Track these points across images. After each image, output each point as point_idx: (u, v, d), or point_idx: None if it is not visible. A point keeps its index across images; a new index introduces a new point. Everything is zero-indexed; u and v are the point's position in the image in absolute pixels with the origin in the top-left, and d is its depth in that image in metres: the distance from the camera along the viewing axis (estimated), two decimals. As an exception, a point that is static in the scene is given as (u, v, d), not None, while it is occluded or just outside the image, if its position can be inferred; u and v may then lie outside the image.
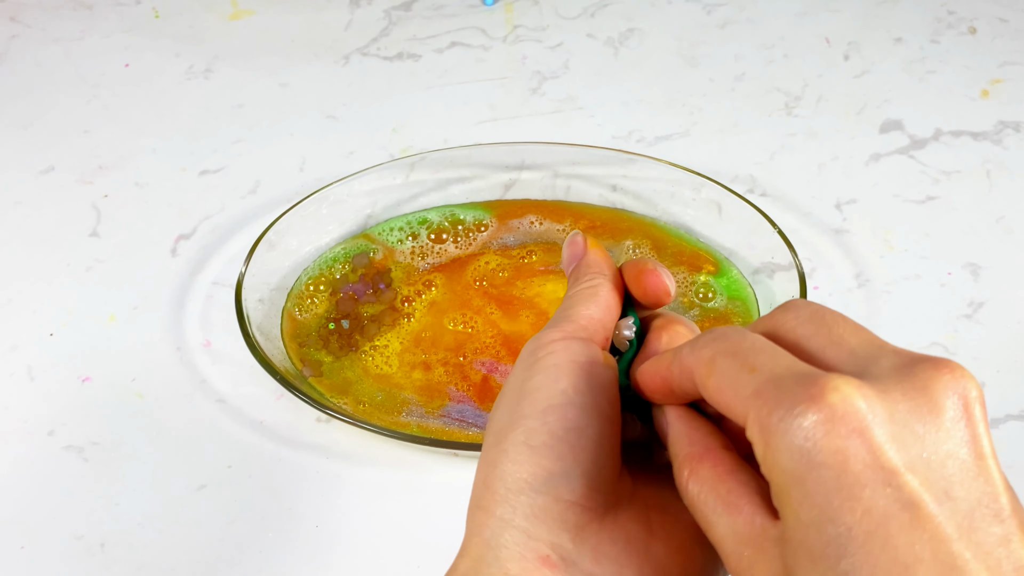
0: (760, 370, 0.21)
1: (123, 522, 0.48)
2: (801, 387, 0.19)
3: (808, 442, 0.19)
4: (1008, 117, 0.74)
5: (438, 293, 0.58)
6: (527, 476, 0.24)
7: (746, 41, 0.83)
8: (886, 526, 0.18)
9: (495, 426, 0.26)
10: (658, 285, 0.28)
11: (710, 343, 0.23)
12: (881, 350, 0.21)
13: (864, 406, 0.19)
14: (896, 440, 0.19)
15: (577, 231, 0.32)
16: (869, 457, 0.18)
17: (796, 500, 0.19)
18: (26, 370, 0.56)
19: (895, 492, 0.18)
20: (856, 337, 0.22)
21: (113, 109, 0.77)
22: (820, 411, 0.19)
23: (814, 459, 0.19)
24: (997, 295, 0.59)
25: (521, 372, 0.26)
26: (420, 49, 0.83)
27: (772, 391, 0.20)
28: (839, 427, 0.19)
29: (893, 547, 0.18)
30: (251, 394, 0.54)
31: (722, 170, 0.68)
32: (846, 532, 0.18)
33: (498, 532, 0.24)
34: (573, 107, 0.76)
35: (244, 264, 0.56)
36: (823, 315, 0.23)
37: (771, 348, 0.21)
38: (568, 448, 0.24)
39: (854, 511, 0.18)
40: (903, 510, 0.18)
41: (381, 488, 0.50)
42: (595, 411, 0.25)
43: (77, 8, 0.90)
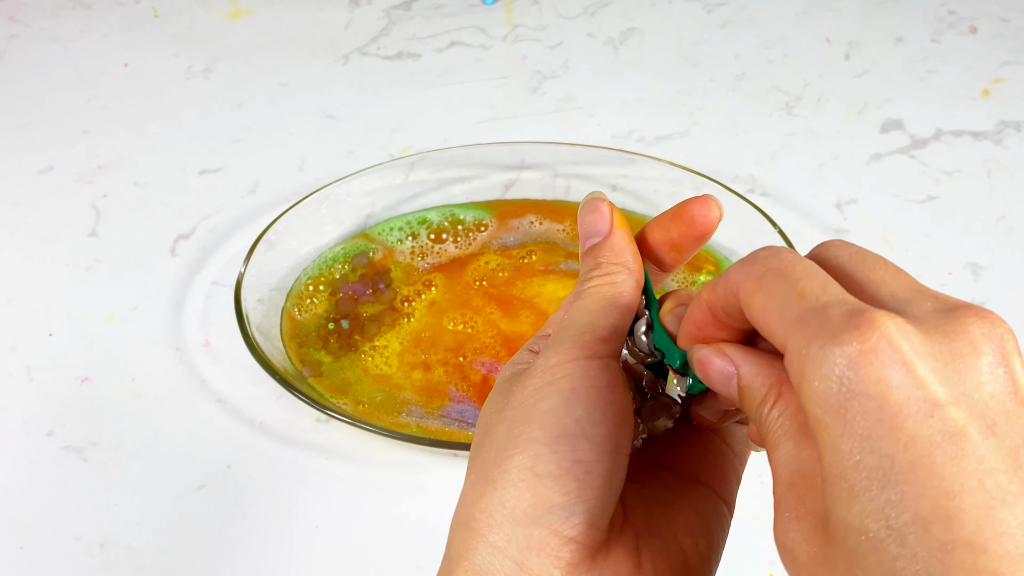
0: (807, 296, 0.20)
1: (122, 522, 0.48)
2: (845, 318, 0.19)
3: (850, 371, 0.18)
4: (1009, 117, 0.74)
5: (438, 293, 0.58)
6: (528, 506, 0.23)
7: (746, 41, 0.83)
8: (931, 455, 0.18)
9: (494, 443, 0.24)
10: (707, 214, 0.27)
11: (763, 260, 0.22)
12: (921, 294, 0.21)
13: (907, 340, 0.19)
14: (939, 375, 0.18)
15: (600, 194, 0.29)
16: (912, 388, 0.18)
17: (835, 431, 0.19)
18: (25, 370, 0.56)
19: (939, 423, 0.18)
20: (896, 280, 0.21)
21: (112, 109, 0.77)
22: (864, 342, 0.18)
23: (855, 388, 0.18)
24: (998, 295, 0.59)
25: (531, 390, 0.24)
26: (420, 49, 0.83)
27: (816, 319, 0.19)
28: (882, 357, 0.18)
29: (939, 476, 0.18)
30: (250, 394, 0.54)
31: (722, 170, 0.68)
32: (889, 462, 0.18)
33: (489, 559, 0.23)
34: (573, 107, 0.76)
35: (243, 264, 0.56)
36: (864, 256, 0.22)
37: (823, 276, 0.21)
38: (575, 482, 0.23)
39: (897, 440, 0.18)
40: (948, 440, 0.18)
41: (381, 488, 0.50)
42: (609, 444, 0.23)
43: (76, 7, 0.89)
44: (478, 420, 0.26)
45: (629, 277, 0.27)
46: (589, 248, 0.28)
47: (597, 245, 0.28)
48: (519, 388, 0.25)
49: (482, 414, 0.26)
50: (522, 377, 0.25)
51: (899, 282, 0.21)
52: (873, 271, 0.22)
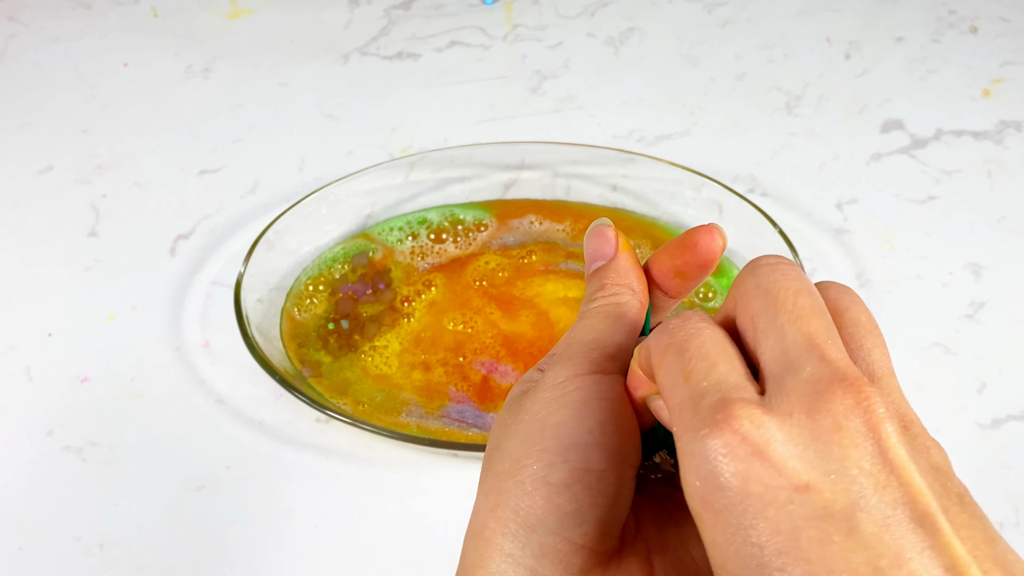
0: (691, 380, 0.21)
1: (122, 523, 0.48)
2: (710, 410, 0.19)
3: (710, 464, 0.19)
4: (1009, 116, 0.74)
5: (438, 293, 0.58)
6: (540, 514, 0.23)
7: (747, 40, 0.83)
8: (796, 541, 0.18)
9: (507, 455, 0.24)
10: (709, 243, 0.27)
11: (670, 331, 0.22)
12: (809, 357, 0.20)
13: (761, 430, 0.19)
14: (798, 459, 0.19)
15: (606, 221, 0.30)
16: (769, 476, 0.18)
17: (708, 523, 0.19)
18: (25, 370, 0.56)
19: (800, 508, 0.18)
20: (795, 329, 0.21)
21: (112, 108, 0.77)
22: (720, 435, 0.19)
23: (717, 481, 0.19)
24: (998, 295, 0.59)
25: (543, 404, 0.25)
26: (420, 48, 0.83)
27: (689, 410, 0.20)
28: (738, 450, 0.19)
29: (806, 560, 0.18)
30: (250, 394, 0.54)
31: (723, 170, 0.68)
32: (758, 551, 0.18)
33: (503, 568, 0.23)
34: (573, 106, 0.76)
35: (243, 264, 0.56)
36: (778, 292, 0.22)
37: (715, 353, 0.21)
38: (586, 491, 0.23)
39: (761, 530, 0.18)
40: (810, 525, 0.18)
41: (381, 488, 0.50)
42: (619, 455, 0.24)
43: (76, 7, 0.89)
44: (489, 436, 0.26)
45: (634, 297, 0.27)
46: (594, 271, 0.29)
47: (602, 268, 0.28)
48: (528, 403, 0.25)
49: (492, 430, 0.26)
50: (530, 393, 0.26)
51: (796, 334, 0.21)
52: (778, 316, 0.21)
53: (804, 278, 0.22)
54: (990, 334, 0.57)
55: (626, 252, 0.29)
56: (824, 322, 0.21)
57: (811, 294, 0.22)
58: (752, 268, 0.23)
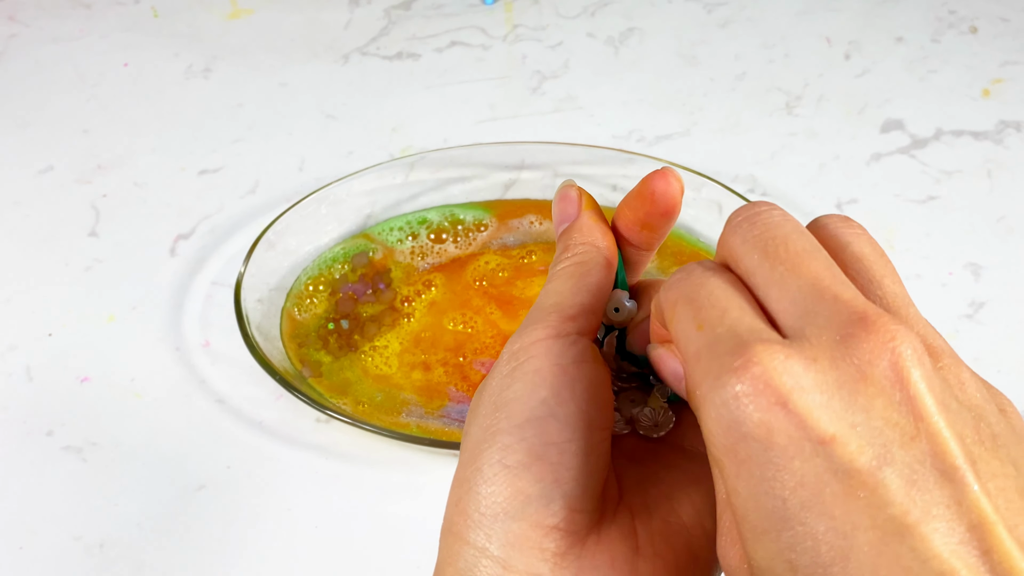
0: (704, 328, 0.20)
1: (122, 523, 0.48)
2: (729, 355, 0.19)
3: (733, 414, 0.18)
4: (1009, 117, 0.74)
5: (438, 293, 0.58)
6: (502, 500, 0.22)
7: (747, 40, 0.83)
8: (820, 496, 0.17)
9: (470, 441, 0.24)
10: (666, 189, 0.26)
11: (675, 284, 0.22)
12: (820, 301, 0.19)
13: (788, 378, 0.18)
14: (823, 408, 0.18)
15: (570, 182, 0.29)
16: (794, 428, 0.18)
17: (731, 474, 0.19)
18: (25, 370, 0.56)
19: (825, 462, 0.17)
20: (799, 279, 0.20)
21: (112, 108, 0.77)
22: (743, 382, 0.18)
23: (740, 431, 0.18)
24: (998, 295, 0.59)
25: (499, 379, 0.24)
26: (420, 48, 0.83)
27: (706, 357, 0.19)
28: (761, 399, 0.18)
29: (830, 516, 0.17)
30: (250, 394, 0.54)
31: (723, 170, 0.68)
32: (782, 504, 0.18)
33: (472, 562, 0.22)
34: (573, 107, 0.76)
35: (243, 264, 0.56)
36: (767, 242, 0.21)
37: (724, 300, 0.20)
38: (548, 467, 0.22)
39: (785, 483, 0.18)
40: (835, 479, 0.17)
41: (381, 488, 0.50)
42: (581, 421, 0.23)
43: (76, 7, 0.89)
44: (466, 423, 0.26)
45: (598, 254, 0.26)
46: (560, 233, 0.28)
47: (567, 228, 0.28)
48: (488, 380, 0.24)
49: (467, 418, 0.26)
50: (492, 369, 0.25)
51: (801, 281, 0.20)
52: (776, 266, 0.20)
53: (789, 219, 0.22)
54: (990, 334, 0.57)
55: (589, 210, 0.28)
56: (824, 261, 0.20)
57: (801, 234, 0.21)
58: (733, 225, 0.22)
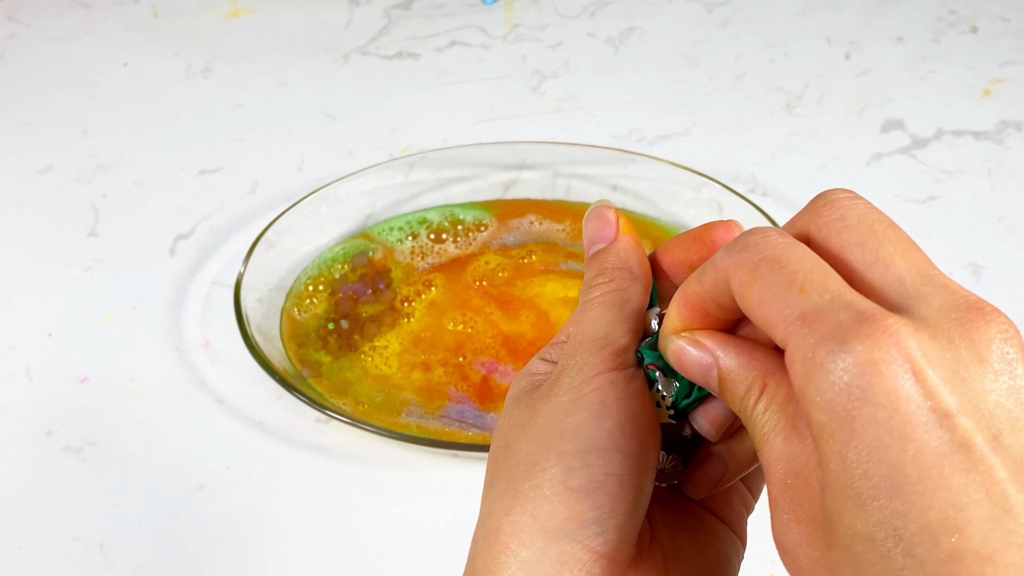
0: (810, 292, 0.19)
1: (122, 523, 0.48)
2: (855, 321, 0.18)
3: (860, 378, 0.18)
4: (1010, 116, 0.74)
5: (438, 293, 0.58)
6: (561, 520, 0.22)
7: (747, 40, 0.83)
8: (939, 467, 0.18)
9: (524, 456, 0.24)
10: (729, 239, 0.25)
11: (754, 246, 0.21)
12: (931, 284, 0.20)
13: (919, 348, 0.18)
14: (948, 383, 0.18)
15: (606, 202, 0.28)
16: (922, 397, 0.18)
17: (841, 439, 0.18)
18: (24, 370, 0.56)
19: (948, 433, 0.18)
20: (906, 261, 0.20)
21: (112, 108, 0.77)
22: (875, 349, 0.18)
23: (864, 396, 0.18)
24: (999, 295, 0.59)
25: (556, 407, 0.24)
26: (420, 48, 0.83)
27: (823, 320, 0.19)
28: (894, 367, 0.18)
29: (947, 488, 0.17)
30: (250, 394, 0.54)
31: (723, 170, 0.68)
32: (897, 473, 0.18)
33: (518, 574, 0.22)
34: (573, 106, 0.76)
35: (243, 264, 0.56)
36: (872, 223, 0.21)
37: (821, 267, 0.20)
38: (607, 496, 0.22)
39: (906, 451, 0.18)
40: (956, 451, 0.18)
41: (381, 488, 0.50)
42: (639, 457, 0.23)
43: (75, 7, 0.89)
44: (496, 432, 0.26)
45: (635, 283, 0.26)
46: (593, 254, 0.27)
47: (601, 251, 0.27)
48: (544, 405, 0.24)
49: (501, 426, 0.25)
50: (544, 393, 0.25)
51: (908, 263, 0.20)
52: (883, 246, 0.20)
53: (881, 211, 0.22)
54: (990, 334, 0.57)
55: (627, 234, 0.27)
56: (926, 256, 0.21)
57: (898, 226, 0.21)
58: (829, 200, 0.22)
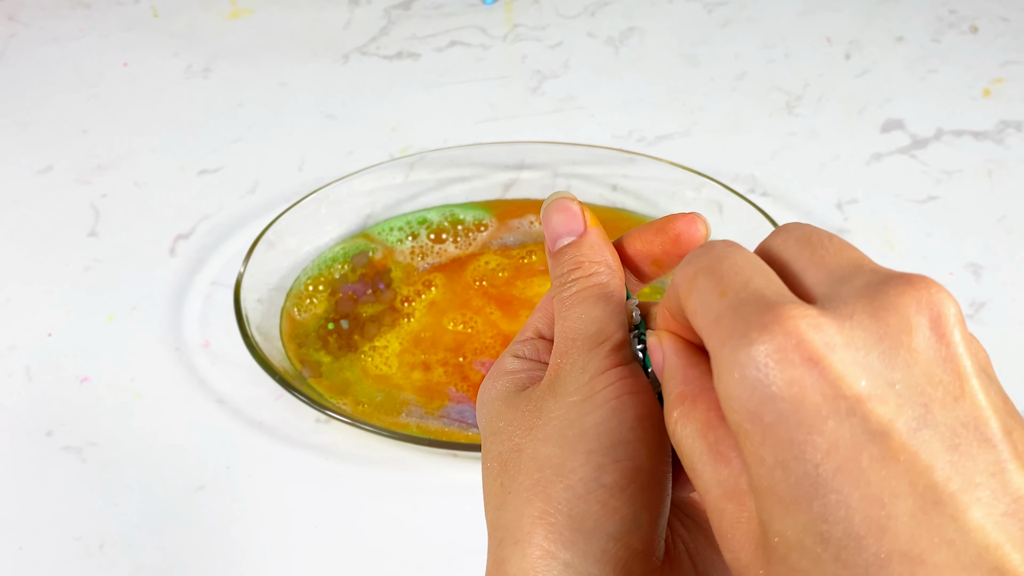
0: (728, 294, 0.19)
1: (122, 523, 0.48)
2: (756, 314, 0.18)
3: (759, 372, 0.17)
4: (1010, 116, 0.74)
5: (438, 293, 0.58)
6: (599, 518, 0.22)
7: (747, 40, 0.83)
8: (856, 460, 0.16)
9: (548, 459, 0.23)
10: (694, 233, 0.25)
11: (695, 258, 0.21)
12: (858, 270, 0.19)
13: (819, 333, 0.17)
14: (859, 366, 0.17)
15: (567, 194, 0.27)
16: (827, 387, 0.17)
17: (755, 439, 0.17)
18: (24, 370, 0.56)
19: (861, 422, 0.16)
20: (838, 257, 0.20)
21: (112, 108, 0.77)
22: (771, 340, 0.17)
23: (768, 391, 0.17)
24: (999, 295, 0.59)
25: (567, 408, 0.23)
26: (420, 48, 0.83)
27: (729, 318, 0.18)
28: (791, 356, 0.17)
29: (866, 482, 0.16)
30: (250, 395, 0.54)
31: (723, 170, 0.68)
32: (813, 470, 0.17)
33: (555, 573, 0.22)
34: (573, 106, 0.76)
35: (243, 264, 0.56)
36: (810, 236, 0.20)
37: (748, 269, 0.19)
38: (641, 492, 0.22)
39: (818, 446, 0.17)
40: (872, 441, 0.16)
41: (381, 488, 0.50)
42: (660, 451, 0.22)
43: (75, 7, 0.89)
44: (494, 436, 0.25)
45: (613, 276, 0.26)
46: (561, 248, 0.26)
47: (572, 244, 0.26)
48: (553, 406, 0.23)
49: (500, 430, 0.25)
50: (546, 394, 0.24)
51: (840, 259, 0.19)
52: (816, 251, 0.20)
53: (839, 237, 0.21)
54: (990, 334, 0.57)
55: (595, 227, 0.27)
56: (863, 254, 0.20)
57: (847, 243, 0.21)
58: (784, 228, 0.22)
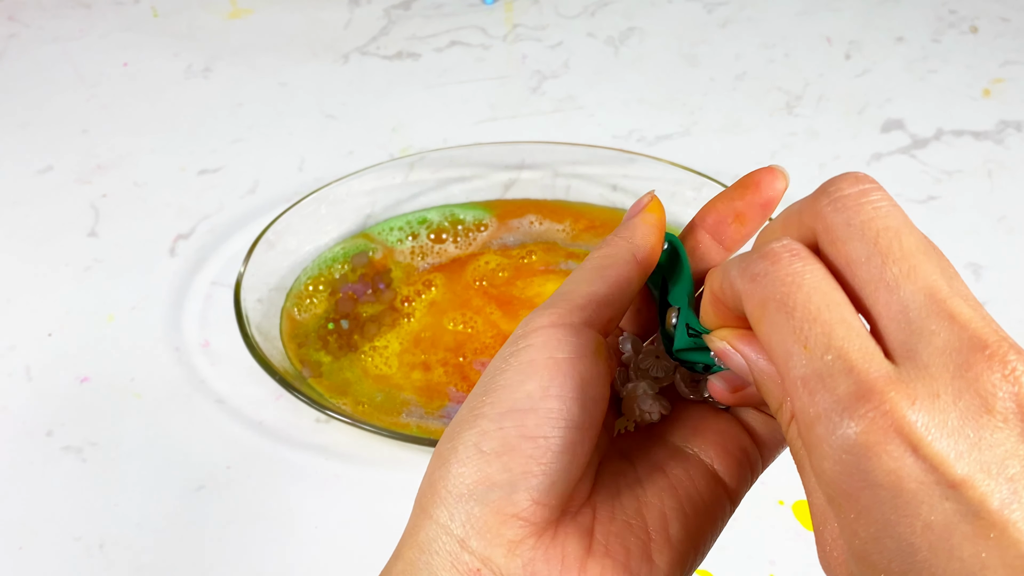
0: (811, 349, 0.19)
1: (122, 523, 0.48)
2: (852, 397, 0.18)
3: (859, 461, 0.18)
4: (1010, 116, 0.74)
5: (438, 293, 0.58)
6: (471, 483, 0.22)
7: (747, 40, 0.83)
8: (948, 538, 0.17)
9: (458, 417, 0.24)
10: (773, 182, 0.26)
11: (763, 276, 0.20)
12: (936, 318, 0.19)
13: (917, 422, 0.18)
14: (951, 450, 0.18)
15: (650, 192, 0.28)
16: (924, 474, 0.17)
17: (851, 515, 0.18)
18: (24, 370, 0.56)
19: (954, 505, 0.17)
20: (913, 284, 0.19)
21: (112, 108, 0.77)
22: (873, 431, 0.18)
23: (866, 479, 0.18)
24: (999, 295, 0.59)
25: (497, 361, 0.24)
26: (420, 48, 0.83)
27: (822, 389, 0.18)
28: (892, 447, 0.18)
29: (959, 558, 0.17)
30: (250, 395, 0.54)
31: (723, 170, 0.68)
32: (908, 547, 0.18)
33: (433, 537, 0.23)
34: (573, 106, 0.76)
35: (243, 264, 0.56)
36: (878, 234, 0.20)
37: (825, 311, 0.19)
38: (520, 459, 0.22)
39: (913, 527, 0.18)
40: (964, 521, 0.17)
41: (381, 488, 0.50)
42: (561, 419, 0.22)
43: (75, 7, 0.89)
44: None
45: (626, 250, 0.26)
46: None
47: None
48: (494, 359, 0.24)
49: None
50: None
51: (914, 288, 0.19)
52: (887, 267, 0.19)
53: (897, 209, 0.20)
54: (990, 334, 0.57)
55: (649, 212, 0.27)
56: (938, 266, 0.19)
57: (912, 230, 0.20)
58: (835, 199, 0.20)
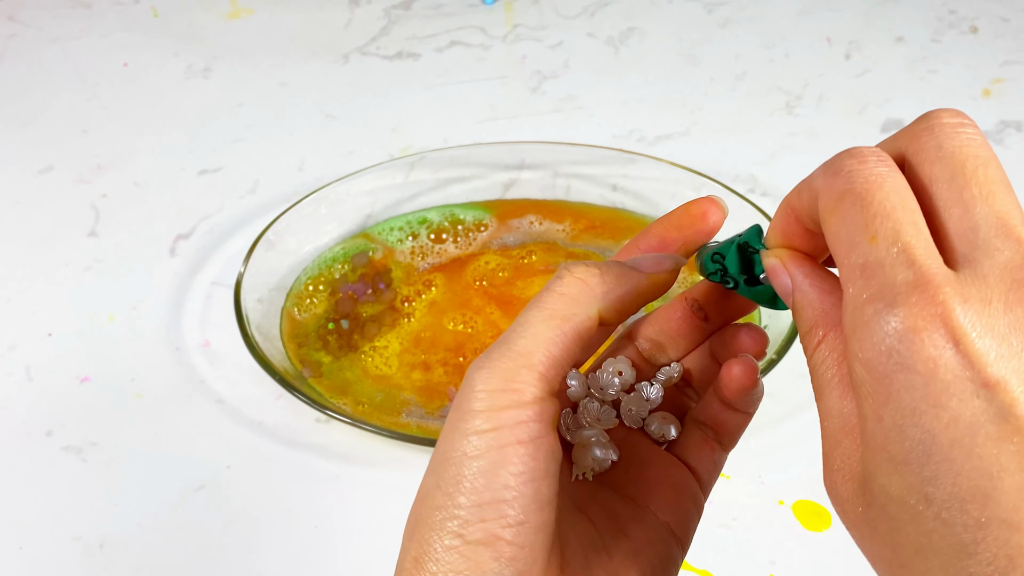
0: (878, 242, 0.19)
1: (122, 523, 0.48)
2: (908, 284, 0.18)
3: (901, 344, 0.18)
4: (1009, 116, 0.74)
5: (438, 293, 0.58)
6: (462, 569, 0.23)
7: (747, 40, 0.83)
8: (972, 436, 0.18)
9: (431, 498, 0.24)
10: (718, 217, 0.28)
11: (846, 174, 0.20)
12: (1005, 238, 0.19)
13: (965, 320, 0.18)
14: (992, 351, 0.18)
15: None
16: (961, 368, 0.18)
17: (879, 399, 0.19)
18: (24, 370, 0.56)
19: (984, 404, 0.18)
20: (986, 206, 0.20)
21: (112, 108, 0.77)
22: (919, 317, 0.18)
23: (903, 362, 0.18)
24: (998, 295, 0.59)
25: (464, 436, 0.23)
26: (420, 48, 0.83)
27: (880, 275, 0.19)
28: (936, 336, 0.18)
29: (978, 456, 0.18)
30: (250, 394, 0.54)
31: (723, 170, 0.68)
32: (930, 438, 0.18)
33: None
34: (573, 106, 0.76)
35: (243, 264, 0.56)
36: (965, 160, 0.20)
37: (902, 210, 0.20)
38: (506, 546, 0.23)
39: (940, 418, 0.18)
40: (991, 421, 0.18)
41: (381, 488, 0.50)
42: (536, 503, 0.23)
43: (76, 7, 0.89)
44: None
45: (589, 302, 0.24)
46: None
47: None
48: (450, 432, 0.24)
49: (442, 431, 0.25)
50: (458, 403, 0.24)
51: (987, 210, 0.20)
52: (967, 187, 0.20)
53: (988, 145, 0.21)
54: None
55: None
56: (1014, 200, 0.20)
57: (998, 165, 0.21)
58: (932, 125, 0.21)
